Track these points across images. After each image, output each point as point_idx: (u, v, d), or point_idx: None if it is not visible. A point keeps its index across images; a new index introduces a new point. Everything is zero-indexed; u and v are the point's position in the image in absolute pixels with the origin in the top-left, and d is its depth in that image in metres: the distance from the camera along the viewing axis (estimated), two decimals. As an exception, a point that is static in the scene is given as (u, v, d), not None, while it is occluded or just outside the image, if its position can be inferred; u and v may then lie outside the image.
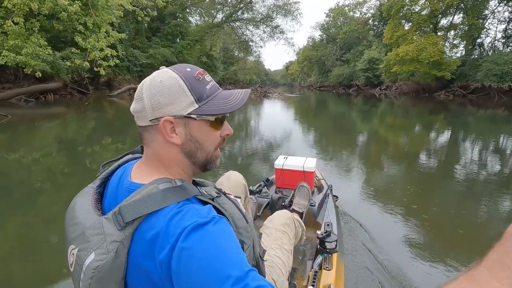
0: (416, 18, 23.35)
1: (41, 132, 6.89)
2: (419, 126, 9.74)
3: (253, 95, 20.72)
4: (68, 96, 13.69)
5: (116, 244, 0.51)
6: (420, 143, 6.67)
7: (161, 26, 24.26)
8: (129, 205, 0.53)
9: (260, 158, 4.93)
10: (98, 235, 0.53)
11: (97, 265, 0.51)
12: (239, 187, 1.32)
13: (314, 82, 48.07)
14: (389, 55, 24.23)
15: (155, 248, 0.51)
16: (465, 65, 21.91)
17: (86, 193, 0.66)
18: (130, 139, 5.88)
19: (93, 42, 8.78)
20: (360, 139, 7.29)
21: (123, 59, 20.26)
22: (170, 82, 0.59)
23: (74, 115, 9.21)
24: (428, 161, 5.03)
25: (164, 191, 0.55)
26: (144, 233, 0.52)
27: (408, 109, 15.75)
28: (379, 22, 36.41)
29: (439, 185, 3.81)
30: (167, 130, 0.59)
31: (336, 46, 41.00)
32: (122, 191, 0.61)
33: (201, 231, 0.50)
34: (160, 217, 0.52)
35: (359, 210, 2.75)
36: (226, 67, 45.86)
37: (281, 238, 1.18)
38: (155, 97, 0.58)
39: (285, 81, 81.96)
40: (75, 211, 0.61)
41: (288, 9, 26.99)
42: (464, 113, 13.47)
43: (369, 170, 4.34)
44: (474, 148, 6.29)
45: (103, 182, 0.69)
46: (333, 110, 15.56)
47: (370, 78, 30.78)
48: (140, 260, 0.52)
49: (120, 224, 0.52)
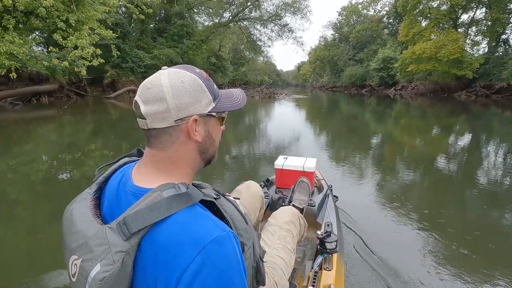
0: (434, 14, 21.90)
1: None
2: (436, 129, 9.04)
3: (258, 96, 19.82)
4: (65, 98, 13.27)
5: (122, 254, 0.51)
6: (435, 146, 6.28)
7: (167, 27, 23.88)
8: (134, 215, 0.52)
9: (261, 159, 4.88)
10: (102, 246, 0.52)
11: (104, 276, 0.50)
12: (257, 197, 1.34)
13: (326, 82, 46.94)
14: (405, 53, 22.87)
15: (172, 260, 0.50)
16: (489, 63, 20.35)
17: (83, 199, 0.64)
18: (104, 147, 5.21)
19: (74, 40, 8.16)
20: (369, 141, 6.93)
21: (127, 60, 20.02)
22: (192, 83, 0.60)
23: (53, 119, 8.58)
24: (441, 165, 4.68)
25: (169, 198, 0.54)
26: (153, 242, 0.52)
27: (425, 110, 14.96)
28: (394, 20, 34.95)
29: (445, 189, 3.68)
30: (193, 129, 0.60)
31: (349, 45, 39.86)
32: (126, 195, 0.60)
33: (222, 247, 0.51)
34: (169, 226, 0.52)
35: (360, 210, 2.74)
36: (237, 68, 45.43)
37: (285, 237, 1.18)
38: (181, 97, 0.58)
39: (297, 81, 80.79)
40: (74, 218, 0.60)
41: (297, 6, 26.03)
42: (487, 114, 12.60)
43: (371, 172, 4.23)
44: (499, 153, 5.65)
45: (100, 187, 0.67)
46: (343, 112, 14.84)
47: (384, 78, 29.62)
48: (150, 270, 0.52)
49: (126, 234, 0.51)
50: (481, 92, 19.82)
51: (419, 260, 2.06)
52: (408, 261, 2.04)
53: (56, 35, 8.09)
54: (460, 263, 2.04)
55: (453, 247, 2.23)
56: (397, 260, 2.01)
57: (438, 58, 20.19)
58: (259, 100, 18.35)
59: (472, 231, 2.54)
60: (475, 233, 2.51)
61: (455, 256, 2.14)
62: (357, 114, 13.36)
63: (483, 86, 20.02)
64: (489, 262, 2.06)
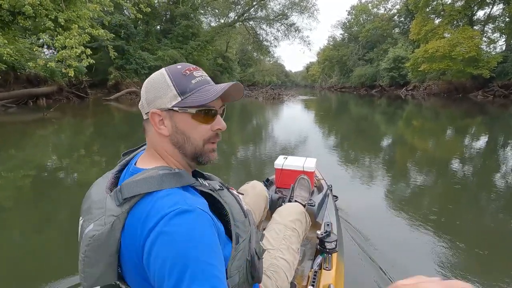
0: (448, 10, 20.90)
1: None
2: (450, 131, 8.53)
3: (262, 98, 19.23)
4: (64, 100, 13.03)
5: (113, 218, 0.56)
6: (446, 149, 5.97)
7: (172, 28, 23.63)
8: (129, 184, 0.58)
9: (261, 159, 4.81)
10: (100, 209, 0.58)
11: (93, 234, 0.55)
12: (262, 197, 1.35)
13: (335, 83, 46.03)
14: (417, 52, 21.91)
15: (141, 228, 0.54)
16: (507, 61, 19.23)
17: (106, 177, 0.71)
18: (72, 151, 4.77)
19: (63, 40, 7.80)
20: (374, 143, 6.72)
21: (131, 62, 19.82)
22: (158, 78, 0.64)
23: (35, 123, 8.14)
24: (446, 168, 4.46)
25: (162, 175, 0.58)
26: (136, 212, 0.56)
27: (438, 111, 14.22)
28: (405, 18, 33.86)
29: (447, 191, 3.57)
30: (156, 122, 0.64)
31: (358, 45, 38.94)
32: (128, 174, 0.67)
33: (181, 218, 0.52)
34: (152, 199, 0.56)
35: (360, 211, 2.74)
36: (244, 69, 44.99)
37: (291, 236, 1.15)
38: (148, 92, 0.65)
39: (306, 82, 79.67)
40: (92, 190, 0.68)
41: (304, 5, 25.38)
42: (507, 116, 11.86)
43: (372, 173, 4.14)
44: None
45: (122, 168, 0.73)
46: (353, 113, 14.25)
47: (395, 78, 28.65)
48: (129, 239, 0.56)
49: (119, 200, 0.57)
50: (499, 92, 18.70)
51: (419, 260, 2.05)
52: (408, 261, 2.02)
53: (43, 34, 7.78)
54: (460, 264, 2.02)
55: (453, 248, 2.20)
56: (397, 260, 2.00)
57: (452, 56, 19.21)
58: (263, 101, 17.79)
59: (478, 235, 2.46)
60: (480, 238, 2.42)
61: (455, 256, 2.12)
62: (366, 116, 12.77)
63: (501, 85, 18.89)
64: (497, 267, 1.98)
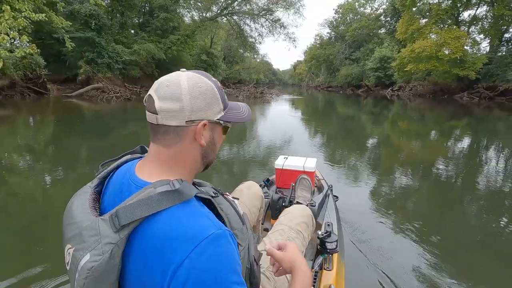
0: (435, 10, 20.50)
1: None
2: (435, 133, 8.30)
3: (241, 96, 18.25)
4: (17, 96, 11.63)
5: (111, 246, 0.52)
6: (435, 151, 5.97)
7: (151, 21, 22.24)
8: (126, 208, 0.54)
9: (261, 160, 4.77)
10: (94, 236, 0.54)
11: (92, 266, 0.52)
12: (257, 197, 1.37)
13: (322, 82, 45.53)
14: (404, 52, 21.50)
15: (159, 260, 0.51)
16: (492, 63, 19.03)
17: (84, 193, 0.66)
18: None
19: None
20: (371, 144, 6.73)
21: (104, 56, 18.37)
22: (209, 89, 0.63)
23: None
24: (441, 170, 4.54)
25: (161, 194, 0.55)
26: (145, 236, 0.53)
27: (423, 112, 13.90)
28: (391, 18, 33.65)
29: (446, 192, 3.60)
30: (201, 133, 0.63)
31: (345, 44, 38.56)
32: (130, 188, 0.61)
33: (217, 247, 0.52)
34: (163, 220, 0.53)
35: (360, 211, 2.70)
36: (230, 66, 43.80)
37: (294, 239, 1.16)
38: (197, 100, 0.61)
39: (293, 81, 79.06)
40: (73, 210, 0.62)
41: (290, 1, 24.47)
42: (491, 118, 11.73)
43: (372, 173, 4.18)
44: (502, 160, 5.34)
45: (101, 181, 0.69)
46: (339, 113, 13.74)
47: (381, 78, 28.36)
48: (139, 271, 0.53)
49: (116, 226, 0.53)
50: (484, 94, 18.50)
51: (419, 261, 2.03)
52: (408, 261, 2.01)
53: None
54: (460, 265, 2.05)
55: (453, 249, 2.20)
56: (398, 260, 2.00)
57: (438, 57, 18.84)
58: (242, 101, 16.81)
59: (474, 237, 2.49)
60: (477, 239, 2.46)
61: (455, 257, 2.13)
62: (353, 117, 12.19)
63: (486, 87, 18.70)
64: (490, 269, 2.02)
